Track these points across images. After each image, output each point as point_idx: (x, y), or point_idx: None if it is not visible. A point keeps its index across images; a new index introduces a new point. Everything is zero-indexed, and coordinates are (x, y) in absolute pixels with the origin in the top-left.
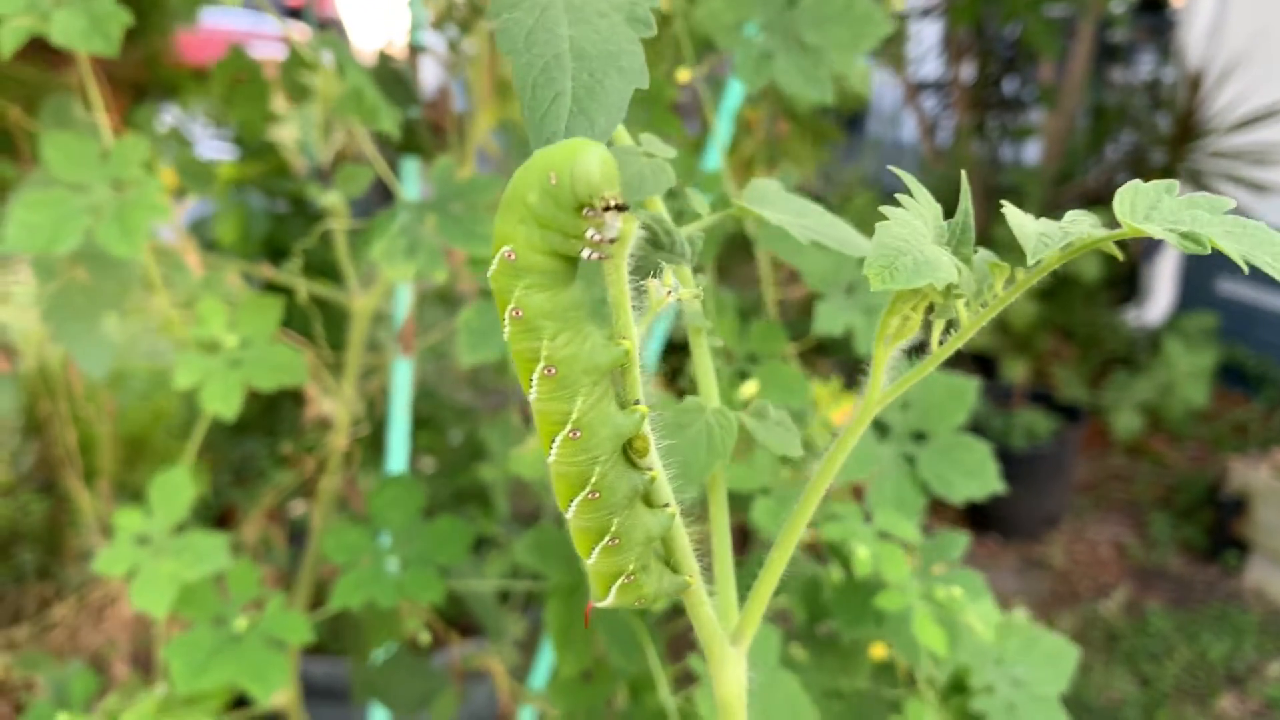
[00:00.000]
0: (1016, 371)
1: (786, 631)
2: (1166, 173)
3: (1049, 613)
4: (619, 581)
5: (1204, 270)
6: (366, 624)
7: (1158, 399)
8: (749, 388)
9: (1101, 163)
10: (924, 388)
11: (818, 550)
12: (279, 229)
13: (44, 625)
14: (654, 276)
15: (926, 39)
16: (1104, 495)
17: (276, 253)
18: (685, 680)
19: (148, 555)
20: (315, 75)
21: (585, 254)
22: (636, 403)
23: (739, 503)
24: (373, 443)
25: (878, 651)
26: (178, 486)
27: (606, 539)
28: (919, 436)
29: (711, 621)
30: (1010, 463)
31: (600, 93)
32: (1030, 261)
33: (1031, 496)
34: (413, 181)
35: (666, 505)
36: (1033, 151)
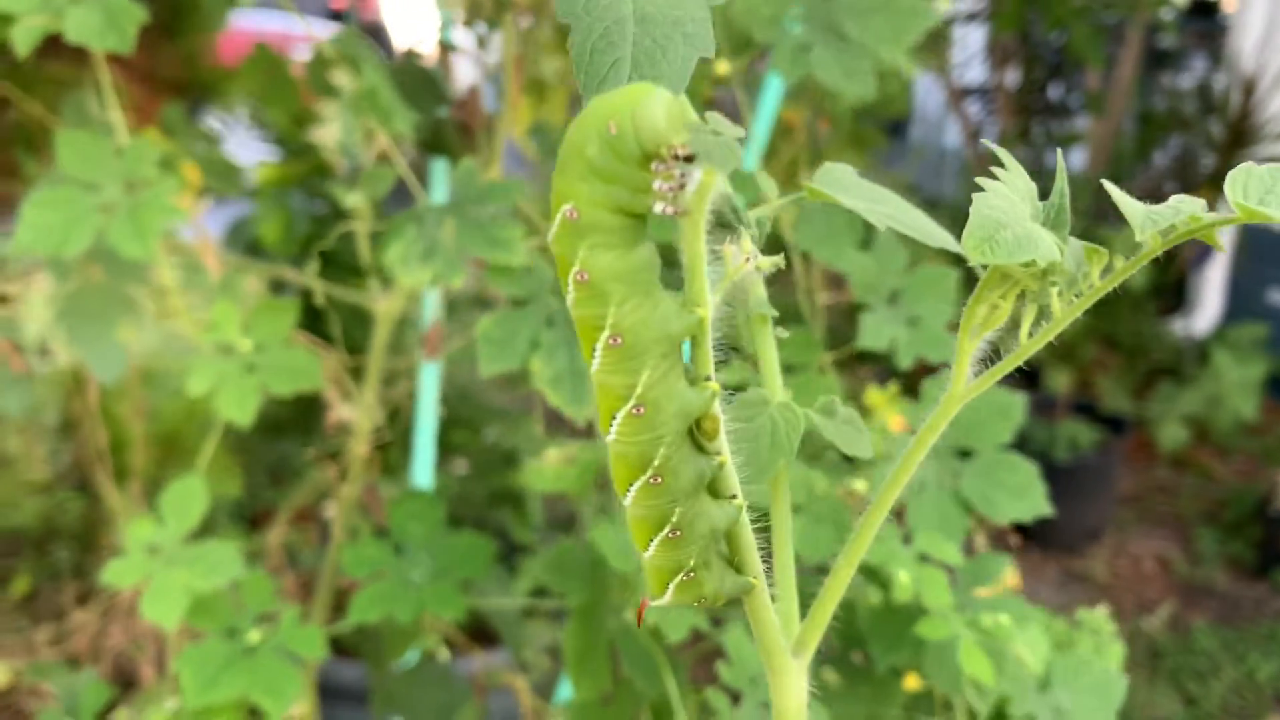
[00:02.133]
0: (1060, 381)
1: (818, 656)
2: (1216, 179)
3: None
4: (678, 578)
5: (1254, 279)
6: (385, 636)
7: (1205, 411)
8: None
9: (1149, 169)
10: (968, 404)
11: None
12: (320, 230)
13: (68, 629)
14: (730, 243)
15: (971, 44)
16: (1148, 508)
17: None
18: (706, 712)
19: (160, 565)
20: (340, 74)
21: (659, 208)
22: (708, 379)
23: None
24: (403, 446)
25: (911, 683)
26: (190, 495)
27: (667, 530)
28: (963, 454)
29: (774, 629)
30: (1053, 474)
31: (662, 60)
32: (1139, 238)
33: (1074, 508)
34: (441, 183)
35: (733, 497)
36: (1078, 158)
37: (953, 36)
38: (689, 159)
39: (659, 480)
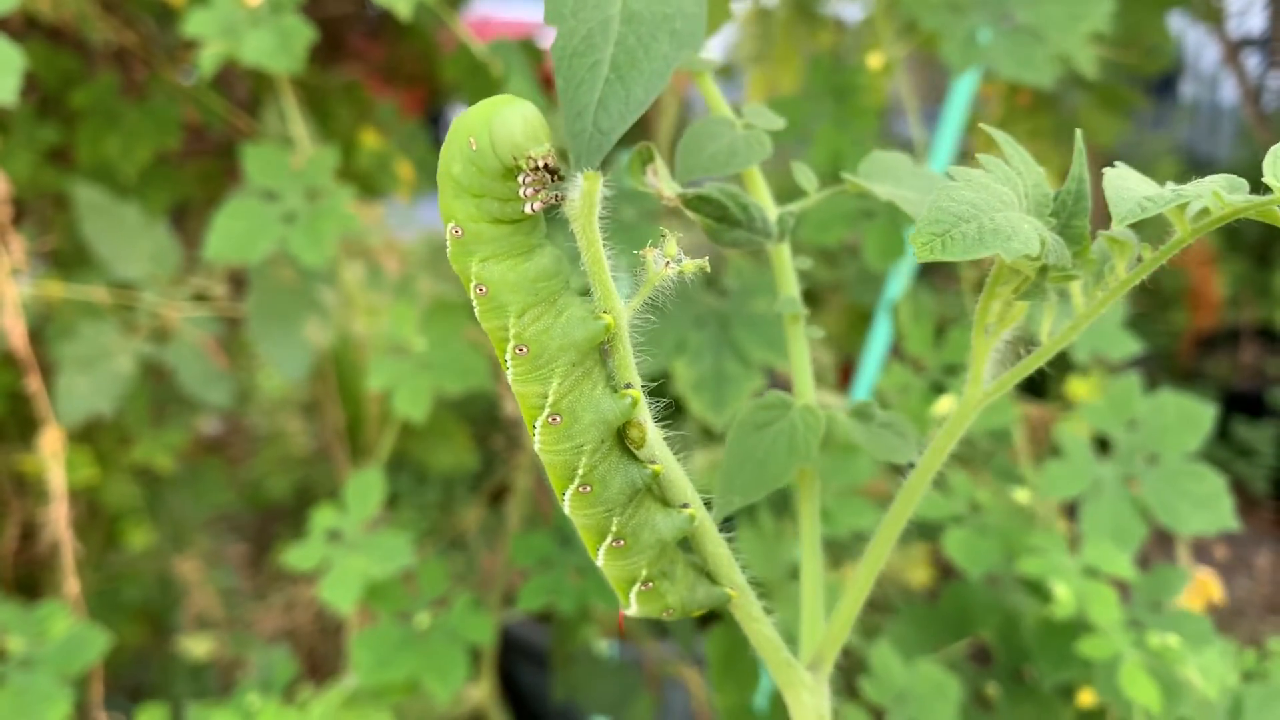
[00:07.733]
0: None
1: (979, 671)
2: None
3: None
4: (635, 588)
5: None
6: (557, 626)
7: None
8: (944, 403)
9: None
10: (1153, 408)
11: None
12: None
13: (290, 602)
14: (653, 245)
15: None
16: None
17: None
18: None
19: (340, 551)
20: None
21: (528, 209)
22: (628, 386)
23: (931, 533)
24: None
25: (1086, 699)
26: (370, 485)
27: (609, 539)
28: (1146, 459)
29: (771, 643)
30: None
31: (644, 59)
32: (1116, 225)
33: None
34: None
35: (685, 506)
36: None
37: None
38: (552, 170)
39: (588, 489)
